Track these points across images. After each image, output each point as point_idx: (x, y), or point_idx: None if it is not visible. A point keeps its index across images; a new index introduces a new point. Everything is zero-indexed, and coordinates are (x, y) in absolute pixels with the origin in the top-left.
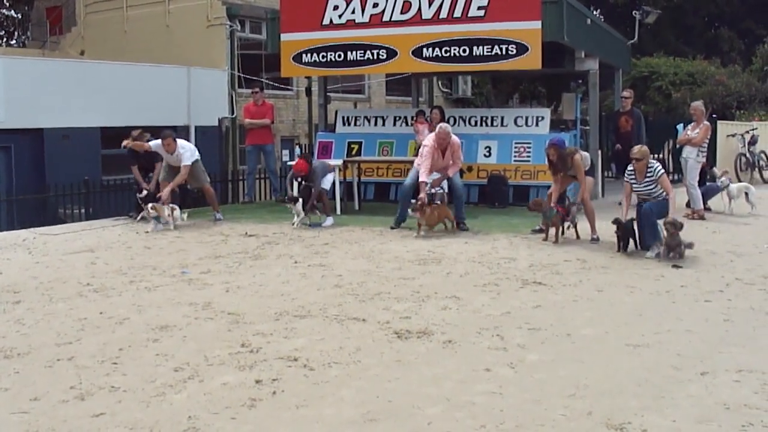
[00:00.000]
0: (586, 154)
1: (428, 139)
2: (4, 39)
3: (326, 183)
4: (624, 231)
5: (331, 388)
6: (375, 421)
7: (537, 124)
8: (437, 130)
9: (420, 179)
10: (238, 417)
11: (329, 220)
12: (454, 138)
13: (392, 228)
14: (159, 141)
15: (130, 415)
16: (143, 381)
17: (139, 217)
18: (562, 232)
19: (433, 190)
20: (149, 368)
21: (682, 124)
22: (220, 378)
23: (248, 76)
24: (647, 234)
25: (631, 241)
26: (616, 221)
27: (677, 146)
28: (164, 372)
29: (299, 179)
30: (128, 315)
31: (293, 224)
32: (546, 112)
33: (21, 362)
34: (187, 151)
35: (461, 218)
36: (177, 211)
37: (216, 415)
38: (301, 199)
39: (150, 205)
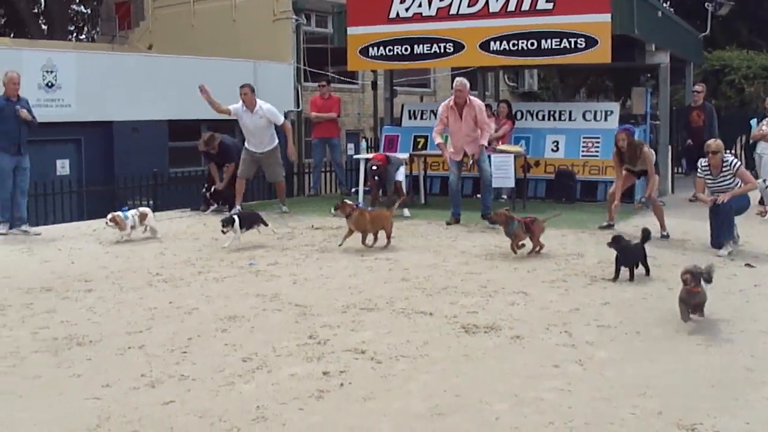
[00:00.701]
0: (651, 150)
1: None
2: (74, 34)
3: (400, 175)
4: (626, 254)
5: (398, 381)
6: (443, 416)
7: (606, 119)
8: (454, 83)
9: (436, 142)
10: (306, 408)
11: (406, 211)
12: (476, 100)
13: (447, 224)
14: (238, 105)
15: (199, 404)
16: (212, 370)
17: (209, 211)
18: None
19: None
20: (218, 358)
21: (755, 119)
22: (288, 369)
23: (314, 70)
24: (723, 230)
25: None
26: (616, 241)
27: (750, 142)
28: (233, 362)
29: (374, 168)
30: (197, 305)
31: (224, 246)
32: (615, 107)
33: (93, 349)
34: (273, 108)
35: (487, 208)
36: (150, 217)
37: (284, 405)
38: (238, 220)
39: (109, 215)
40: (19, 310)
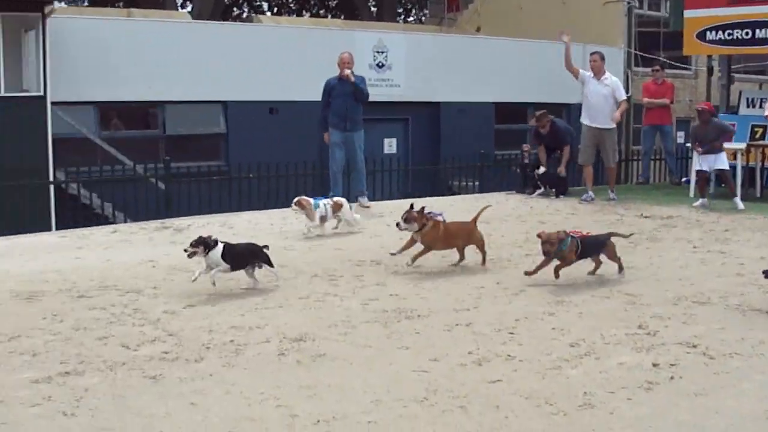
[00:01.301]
0: None
1: None
2: (403, 16)
3: (724, 163)
4: None
5: (731, 379)
6: None
7: None
8: None
9: None
10: (634, 398)
11: (739, 203)
12: None
13: None
14: (587, 72)
15: (525, 385)
16: (539, 353)
17: (535, 194)
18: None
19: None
20: (545, 341)
21: None
22: (616, 357)
23: (644, 54)
24: None
25: None
26: None
27: None
28: (560, 346)
29: (700, 110)
30: (524, 287)
31: (193, 280)
32: None
33: (421, 324)
34: (620, 82)
35: None
36: (345, 209)
37: (612, 394)
38: (223, 245)
39: (296, 199)
40: (350, 282)
